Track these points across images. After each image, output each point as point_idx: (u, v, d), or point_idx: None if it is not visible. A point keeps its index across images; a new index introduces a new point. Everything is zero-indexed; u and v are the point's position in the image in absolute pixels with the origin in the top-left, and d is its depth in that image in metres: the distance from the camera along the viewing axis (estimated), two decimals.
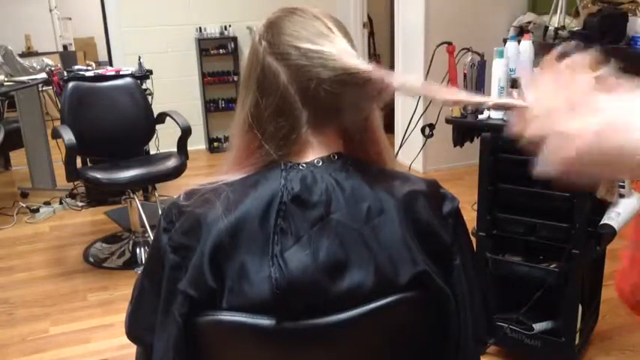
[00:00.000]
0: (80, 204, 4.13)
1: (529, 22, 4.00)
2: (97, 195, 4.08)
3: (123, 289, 2.92)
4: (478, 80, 2.23)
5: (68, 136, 2.95)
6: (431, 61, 2.42)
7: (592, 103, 0.60)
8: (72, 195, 4.20)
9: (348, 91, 0.81)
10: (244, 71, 0.89)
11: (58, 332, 2.59)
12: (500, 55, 2.08)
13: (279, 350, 0.82)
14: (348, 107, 0.83)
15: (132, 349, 0.95)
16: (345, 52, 0.82)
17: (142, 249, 3.33)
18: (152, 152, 3.90)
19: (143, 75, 3.97)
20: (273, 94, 0.83)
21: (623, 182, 1.91)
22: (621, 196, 1.94)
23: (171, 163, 3.19)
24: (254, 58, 0.86)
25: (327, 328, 0.78)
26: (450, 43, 2.24)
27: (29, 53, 7.11)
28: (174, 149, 3.32)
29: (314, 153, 0.85)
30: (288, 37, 0.84)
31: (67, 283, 3.03)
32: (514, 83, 2.07)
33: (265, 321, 0.77)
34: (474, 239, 1.77)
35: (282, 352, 0.83)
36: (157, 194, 3.59)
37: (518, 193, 2.02)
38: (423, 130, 2.39)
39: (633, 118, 0.58)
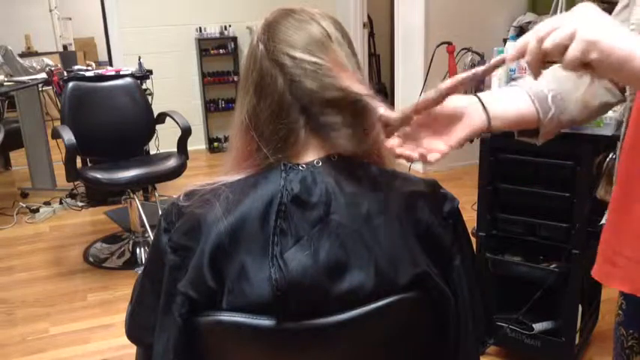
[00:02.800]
0: (80, 204, 4.13)
1: (529, 22, 4.01)
2: (97, 195, 4.08)
3: (123, 289, 2.92)
4: (478, 80, 2.23)
5: (68, 136, 2.95)
6: (431, 61, 2.43)
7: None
8: (72, 195, 4.20)
9: (339, 108, 0.82)
10: (243, 73, 0.89)
11: (58, 332, 2.59)
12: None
13: (280, 351, 0.82)
14: (341, 122, 0.83)
15: (132, 349, 0.95)
16: (337, 66, 0.82)
17: (142, 249, 3.33)
18: (152, 152, 3.90)
19: (143, 75, 3.97)
20: (270, 97, 0.83)
21: None
22: None
23: (172, 163, 3.19)
24: (252, 60, 0.86)
25: (328, 328, 0.78)
26: (450, 43, 2.24)
27: (29, 53, 7.10)
28: (174, 149, 3.32)
29: (314, 154, 0.85)
30: (284, 43, 0.83)
31: (67, 283, 3.03)
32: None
33: (265, 321, 0.77)
34: (473, 239, 1.77)
35: (283, 353, 0.82)
36: (156, 194, 3.59)
37: (518, 193, 2.02)
38: None
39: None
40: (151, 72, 4.04)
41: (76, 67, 3.89)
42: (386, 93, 5.97)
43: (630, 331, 1.10)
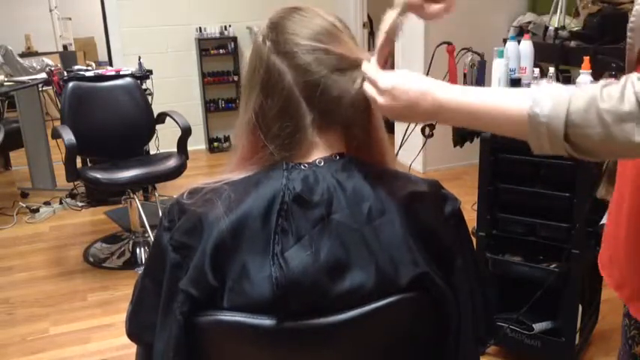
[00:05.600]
0: (80, 204, 4.13)
1: (529, 22, 4.00)
2: (97, 195, 4.08)
3: (123, 289, 2.92)
4: (478, 80, 2.23)
5: (68, 136, 2.95)
6: (431, 61, 2.42)
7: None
8: (72, 195, 4.19)
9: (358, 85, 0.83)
10: (247, 72, 0.89)
11: (58, 332, 2.59)
12: (500, 55, 2.08)
13: (280, 350, 0.82)
14: (355, 102, 0.85)
15: (132, 349, 0.95)
16: (352, 47, 0.85)
17: (142, 249, 3.33)
18: (152, 152, 3.90)
19: (143, 75, 3.97)
20: (278, 94, 0.83)
21: None
22: None
23: (172, 163, 3.19)
24: (257, 58, 0.86)
25: (328, 328, 0.78)
26: (449, 43, 2.24)
27: (29, 53, 7.09)
28: (174, 149, 3.32)
29: (317, 153, 0.85)
30: (293, 36, 0.84)
31: (67, 283, 3.03)
32: (514, 83, 2.07)
33: (266, 321, 0.77)
34: (474, 239, 1.78)
35: (283, 352, 0.82)
36: (156, 194, 3.59)
37: (518, 193, 2.02)
38: (423, 130, 2.38)
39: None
40: (151, 72, 4.04)
41: (76, 67, 3.88)
42: None
43: (633, 320, 1.11)
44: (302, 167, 0.83)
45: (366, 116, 0.88)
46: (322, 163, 0.84)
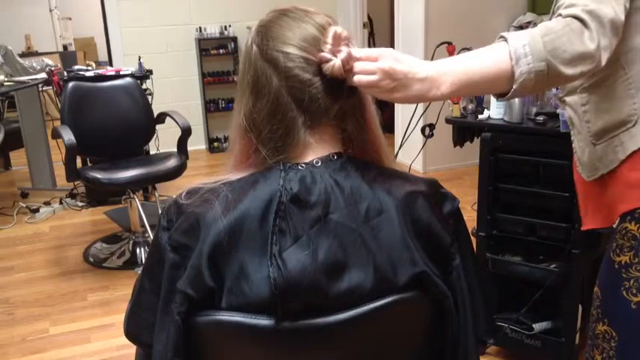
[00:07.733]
0: (80, 204, 4.13)
1: (529, 22, 4.01)
2: (97, 195, 4.08)
3: (123, 289, 2.92)
4: None
5: (68, 136, 2.95)
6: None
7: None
8: (72, 195, 4.20)
9: (341, 90, 0.84)
10: (239, 75, 0.90)
11: (58, 332, 2.59)
12: None
13: (278, 350, 0.82)
14: (343, 103, 0.85)
15: (132, 349, 0.95)
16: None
17: (142, 249, 3.33)
18: (152, 152, 3.90)
19: (143, 75, 3.97)
20: (266, 97, 0.84)
21: None
22: None
23: (172, 163, 3.19)
24: (246, 61, 0.87)
25: (326, 328, 0.78)
26: (450, 43, 2.24)
27: (29, 53, 7.09)
28: (175, 149, 3.32)
29: (313, 153, 0.85)
30: (277, 40, 0.84)
31: (67, 283, 3.03)
32: None
33: (264, 321, 0.77)
34: (473, 239, 1.77)
35: (281, 353, 0.82)
36: (156, 194, 3.59)
37: (518, 193, 2.02)
38: (423, 130, 2.38)
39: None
40: (151, 72, 4.04)
41: (76, 67, 3.87)
42: None
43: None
44: (299, 167, 0.83)
45: (359, 115, 0.88)
46: (320, 163, 0.84)
